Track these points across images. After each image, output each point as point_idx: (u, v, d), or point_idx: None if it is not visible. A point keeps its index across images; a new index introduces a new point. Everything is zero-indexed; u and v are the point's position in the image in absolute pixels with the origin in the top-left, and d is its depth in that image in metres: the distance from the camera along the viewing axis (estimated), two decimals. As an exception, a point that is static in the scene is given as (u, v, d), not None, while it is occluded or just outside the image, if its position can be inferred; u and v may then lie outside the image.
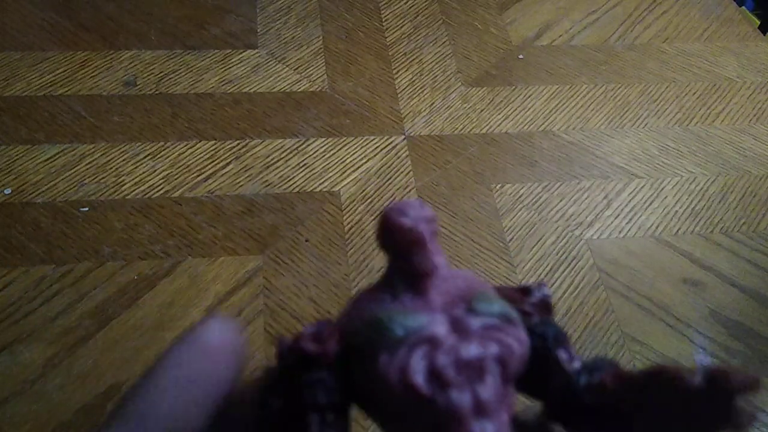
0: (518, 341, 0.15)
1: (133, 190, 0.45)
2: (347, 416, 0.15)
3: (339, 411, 0.15)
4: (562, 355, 0.16)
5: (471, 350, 0.14)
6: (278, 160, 0.48)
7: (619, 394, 0.14)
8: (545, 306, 0.17)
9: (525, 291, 0.17)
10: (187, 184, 0.46)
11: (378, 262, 0.43)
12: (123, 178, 0.46)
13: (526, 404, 0.17)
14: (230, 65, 0.55)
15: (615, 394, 0.14)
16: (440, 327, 0.14)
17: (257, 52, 0.56)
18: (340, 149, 0.50)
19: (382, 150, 0.50)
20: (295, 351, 0.15)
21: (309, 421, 0.14)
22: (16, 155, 0.47)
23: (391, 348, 0.14)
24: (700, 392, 0.13)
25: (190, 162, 0.48)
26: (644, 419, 0.14)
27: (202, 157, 0.48)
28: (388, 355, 0.14)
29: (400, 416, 0.14)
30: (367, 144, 0.50)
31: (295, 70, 0.55)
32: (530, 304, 0.17)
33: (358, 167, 0.49)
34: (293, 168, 0.48)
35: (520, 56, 0.59)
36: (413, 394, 0.14)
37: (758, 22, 1.14)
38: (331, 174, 0.48)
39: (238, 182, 0.47)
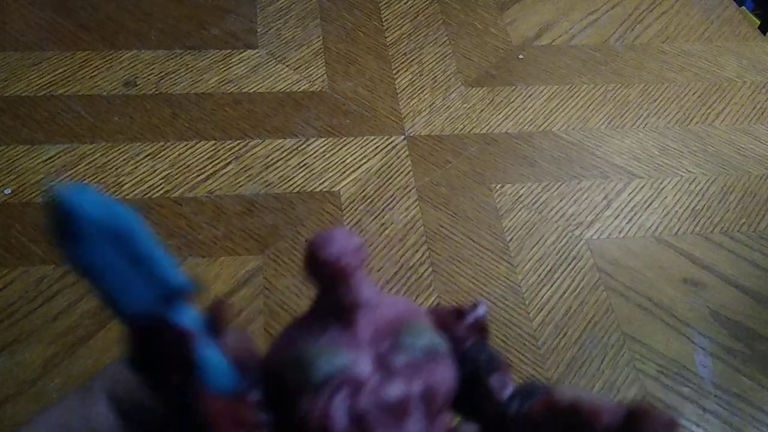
0: (443, 376, 0.14)
1: (133, 190, 0.45)
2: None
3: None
4: (494, 382, 0.15)
5: (394, 390, 0.14)
6: (278, 160, 0.48)
7: (546, 423, 0.14)
8: (479, 328, 0.16)
9: (459, 314, 0.17)
10: (187, 184, 0.46)
11: (378, 262, 0.43)
12: (123, 178, 0.46)
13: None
14: (230, 65, 0.55)
15: (541, 423, 0.14)
16: (364, 366, 0.14)
17: (257, 52, 0.56)
18: (340, 149, 0.50)
19: (382, 150, 0.50)
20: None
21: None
22: (16, 155, 0.47)
23: (313, 390, 0.14)
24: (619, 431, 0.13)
25: (190, 162, 0.48)
26: None
27: (202, 157, 0.48)
28: (311, 397, 0.14)
29: None
30: (367, 144, 0.50)
31: (295, 70, 0.55)
32: (464, 328, 0.16)
33: (358, 167, 0.49)
34: (293, 168, 0.48)
35: (520, 56, 0.59)
36: None
37: (758, 22, 1.14)
38: (331, 174, 0.48)
39: (238, 182, 0.47)
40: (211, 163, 0.48)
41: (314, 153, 0.49)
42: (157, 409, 0.15)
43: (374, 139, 0.51)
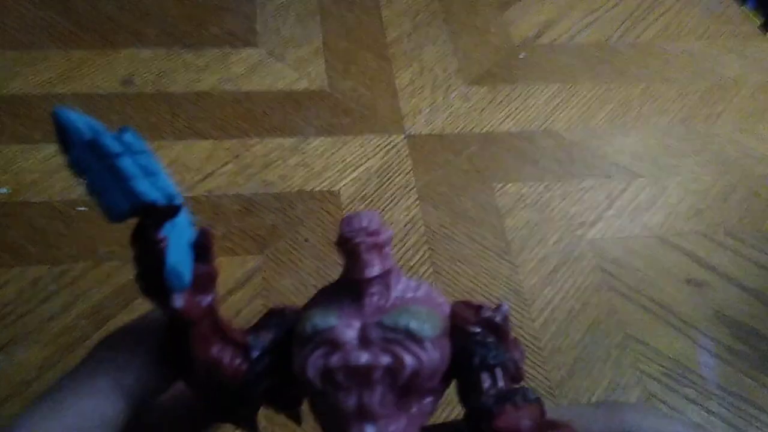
0: (414, 357, 0.15)
1: (131, 190, 0.45)
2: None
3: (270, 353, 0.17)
4: (484, 377, 0.16)
5: (361, 357, 0.15)
6: (278, 160, 0.48)
7: None
8: (492, 326, 0.17)
9: (477, 310, 0.18)
10: (185, 183, 0.46)
11: (378, 262, 0.43)
12: (121, 177, 0.46)
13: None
14: (229, 64, 0.54)
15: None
16: (349, 333, 0.16)
17: (257, 51, 0.56)
18: (340, 148, 0.49)
19: (382, 149, 0.50)
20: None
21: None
22: (13, 154, 0.46)
23: (301, 343, 0.16)
24: None
25: (189, 161, 0.47)
26: None
27: (201, 156, 0.48)
28: (298, 348, 0.16)
29: (311, 400, 0.16)
30: (367, 143, 0.50)
31: (294, 68, 0.55)
32: (475, 323, 0.17)
33: (358, 167, 0.48)
34: (293, 167, 0.48)
35: (521, 55, 0.59)
36: (310, 387, 0.15)
37: (760, 21, 1.14)
38: (331, 173, 0.48)
39: (237, 182, 0.46)
40: (210, 162, 0.47)
41: (314, 152, 0.49)
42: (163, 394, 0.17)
43: (374, 138, 0.50)
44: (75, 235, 0.42)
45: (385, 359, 0.15)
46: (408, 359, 0.15)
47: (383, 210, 0.46)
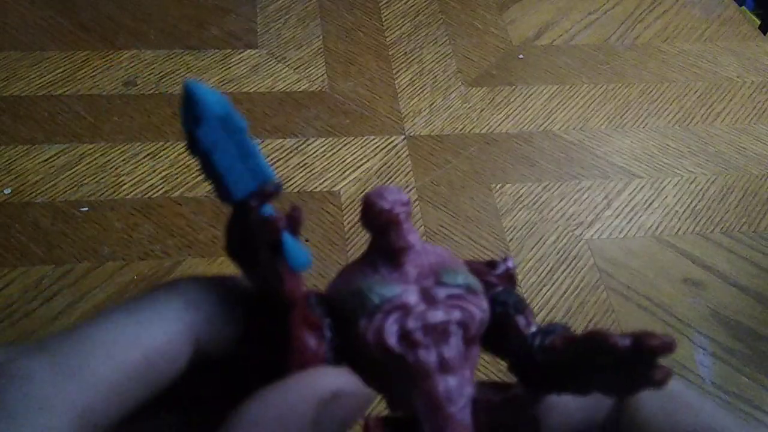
0: (478, 308, 0.17)
1: (133, 190, 0.45)
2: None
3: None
4: (520, 320, 0.18)
5: (437, 316, 0.16)
6: (278, 160, 0.48)
7: (565, 353, 0.16)
8: (509, 278, 0.19)
9: (492, 264, 0.19)
10: (186, 183, 0.46)
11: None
12: (122, 178, 0.46)
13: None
14: (230, 65, 0.55)
15: (562, 354, 0.16)
16: (412, 296, 0.17)
17: (257, 52, 0.56)
18: (340, 149, 0.50)
19: (382, 150, 0.50)
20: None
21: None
22: (16, 155, 0.47)
23: (369, 314, 0.16)
24: (627, 352, 0.15)
25: (190, 162, 0.47)
26: (589, 377, 0.15)
27: (202, 157, 0.48)
28: (367, 320, 0.16)
29: (378, 373, 0.17)
30: (367, 144, 0.50)
31: (295, 69, 0.55)
32: (494, 276, 0.19)
33: (358, 167, 0.49)
34: (293, 168, 0.48)
35: (521, 56, 0.59)
36: (387, 353, 0.16)
37: (758, 22, 1.14)
38: (331, 174, 0.48)
39: (238, 182, 0.47)
40: (211, 162, 0.48)
41: (314, 153, 0.49)
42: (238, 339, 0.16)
43: (374, 138, 0.51)
44: (78, 236, 0.42)
45: (456, 314, 0.16)
46: (476, 311, 0.17)
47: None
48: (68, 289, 0.40)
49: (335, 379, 0.15)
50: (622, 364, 0.15)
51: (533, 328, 0.18)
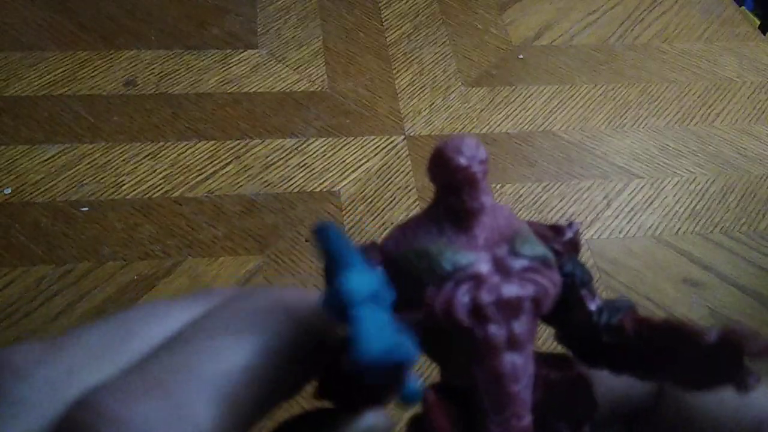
0: (553, 283, 0.16)
1: (133, 190, 0.45)
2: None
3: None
4: (586, 294, 0.17)
5: (511, 290, 0.15)
6: (278, 160, 0.48)
7: (636, 337, 0.15)
8: (574, 245, 0.18)
9: (557, 230, 0.18)
10: (187, 184, 0.46)
11: (378, 262, 0.43)
12: (123, 178, 0.46)
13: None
14: (230, 65, 0.55)
15: (633, 337, 0.15)
16: (484, 266, 0.15)
17: (257, 52, 0.56)
18: (340, 149, 0.50)
19: (382, 150, 0.50)
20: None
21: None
22: (16, 155, 0.47)
23: (438, 281, 0.15)
24: (712, 350, 0.13)
25: (190, 162, 0.48)
26: (658, 364, 0.15)
27: (202, 157, 0.48)
28: (436, 287, 0.15)
29: (441, 341, 0.16)
30: (367, 144, 0.50)
31: (295, 69, 0.55)
32: (561, 243, 0.18)
33: (358, 167, 0.49)
34: (293, 168, 0.48)
35: (520, 56, 0.59)
36: (455, 325, 0.15)
37: (758, 22, 1.14)
38: (331, 174, 0.48)
39: (238, 182, 0.47)
40: (211, 163, 0.48)
41: (314, 153, 0.49)
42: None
43: (374, 139, 0.51)
44: (78, 236, 0.42)
45: (530, 289, 0.15)
46: (550, 287, 0.16)
47: (383, 210, 0.46)
48: (68, 289, 0.40)
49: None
50: (703, 360, 0.14)
51: (598, 302, 0.17)
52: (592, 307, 0.17)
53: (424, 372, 0.36)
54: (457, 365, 0.16)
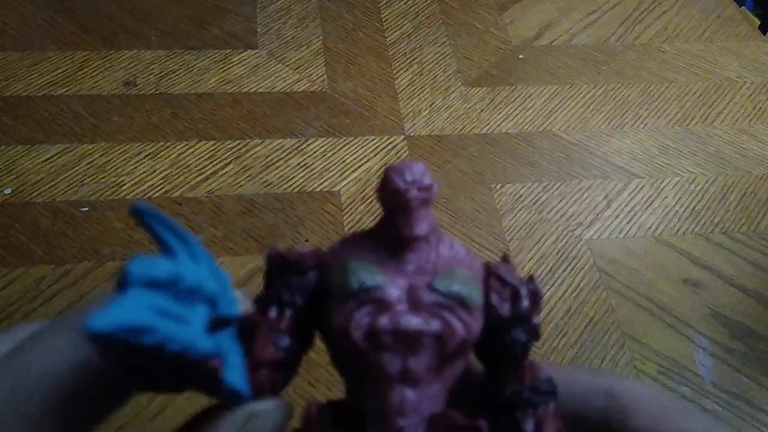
0: (464, 326, 0.15)
1: (133, 190, 0.45)
2: (307, 322, 0.16)
3: (299, 313, 0.16)
4: (522, 369, 0.16)
5: (412, 322, 0.15)
6: (278, 160, 0.48)
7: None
8: (533, 307, 0.17)
9: (515, 293, 0.17)
10: (187, 184, 0.46)
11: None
12: (123, 178, 0.46)
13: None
14: (230, 65, 0.55)
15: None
16: (395, 292, 0.15)
17: (257, 52, 0.56)
18: (340, 149, 0.50)
19: (382, 150, 0.50)
20: (277, 256, 0.16)
21: (268, 311, 0.16)
22: (16, 155, 0.47)
23: (344, 297, 0.15)
24: None
25: (190, 162, 0.48)
26: None
27: (202, 157, 0.48)
28: (339, 303, 0.15)
29: (340, 355, 0.16)
30: (367, 144, 0.50)
31: (295, 70, 0.55)
32: (516, 307, 0.17)
33: (358, 167, 0.49)
34: (293, 168, 0.48)
35: (520, 56, 0.59)
36: (351, 345, 0.15)
37: (758, 22, 1.14)
38: (331, 174, 0.48)
39: (238, 182, 0.47)
40: (211, 163, 0.48)
41: (314, 153, 0.49)
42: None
43: (374, 139, 0.51)
44: (78, 236, 0.42)
45: (435, 325, 0.15)
46: (459, 328, 0.15)
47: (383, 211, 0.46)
48: (68, 289, 0.40)
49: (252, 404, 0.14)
50: None
51: (527, 385, 0.16)
52: (520, 389, 0.16)
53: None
54: (354, 386, 0.16)
